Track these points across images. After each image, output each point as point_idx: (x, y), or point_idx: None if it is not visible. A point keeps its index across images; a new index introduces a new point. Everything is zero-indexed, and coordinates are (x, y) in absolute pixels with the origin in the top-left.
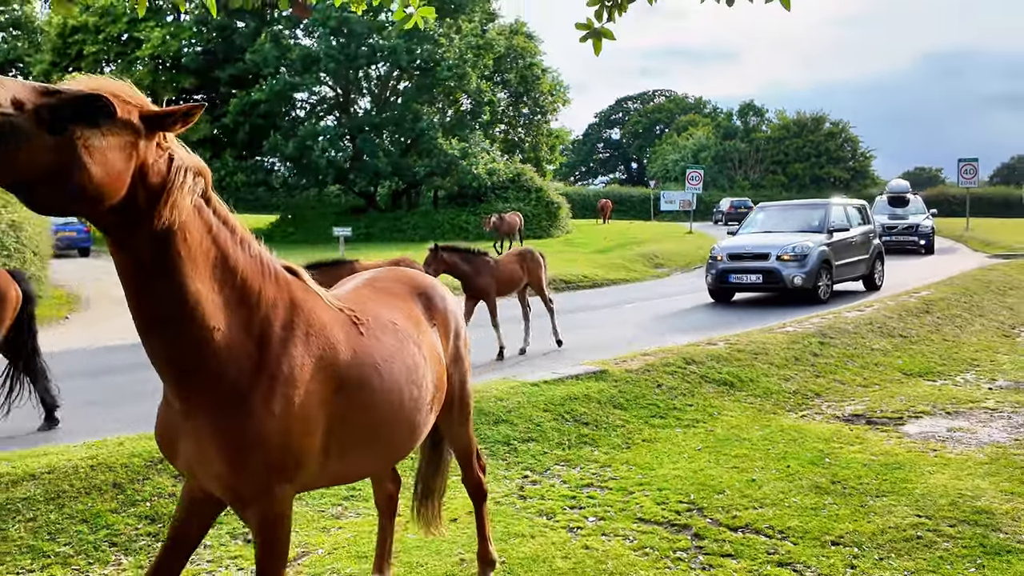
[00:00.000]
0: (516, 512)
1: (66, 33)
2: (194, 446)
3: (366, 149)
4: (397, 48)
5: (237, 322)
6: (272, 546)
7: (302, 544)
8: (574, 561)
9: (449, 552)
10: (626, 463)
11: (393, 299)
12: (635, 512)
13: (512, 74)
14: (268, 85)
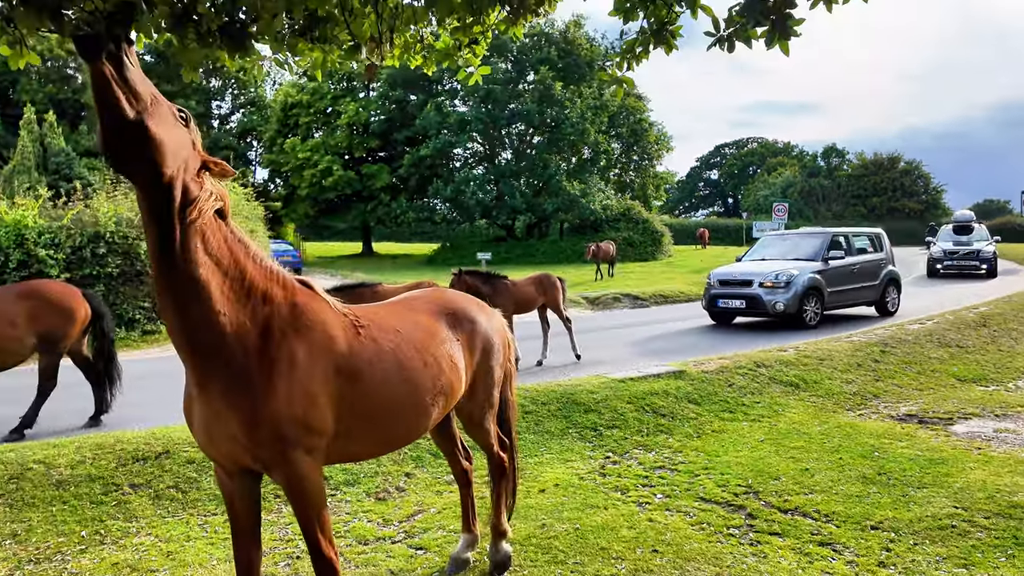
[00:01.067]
0: (595, 487)
1: (287, 108)
2: (216, 423)
3: (506, 191)
4: (530, 111)
5: (243, 313)
6: (301, 501)
7: (418, 503)
8: (638, 531)
9: (534, 517)
10: (695, 450)
11: (414, 314)
12: (698, 492)
13: (624, 128)
14: (432, 143)
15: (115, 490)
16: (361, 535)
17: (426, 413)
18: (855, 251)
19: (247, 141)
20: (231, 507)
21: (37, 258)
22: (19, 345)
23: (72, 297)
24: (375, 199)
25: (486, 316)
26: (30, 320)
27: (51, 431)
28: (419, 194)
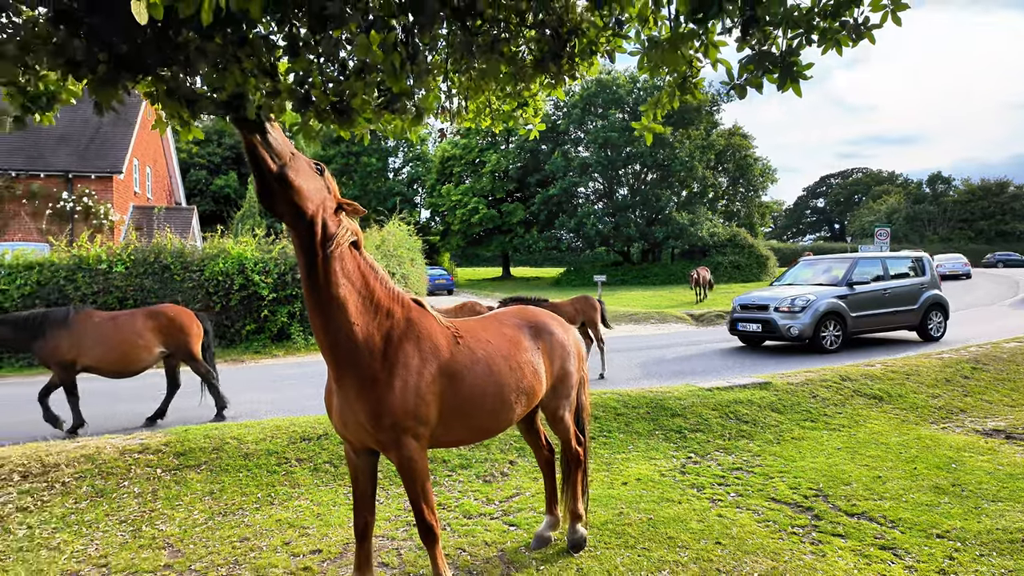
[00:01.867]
0: (674, 483)
1: (444, 160)
2: (348, 411)
3: (622, 222)
4: (644, 153)
5: (371, 325)
6: (409, 476)
7: (517, 487)
8: (706, 524)
9: (613, 506)
10: (774, 455)
11: (502, 327)
12: (770, 493)
13: (730, 164)
14: (559, 184)
15: (285, 463)
16: (467, 510)
17: (511, 409)
18: (890, 276)
19: (413, 188)
20: (355, 479)
21: (253, 282)
22: (149, 355)
23: (188, 317)
24: (512, 232)
25: (563, 329)
26: (156, 336)
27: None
28: (548, 227)
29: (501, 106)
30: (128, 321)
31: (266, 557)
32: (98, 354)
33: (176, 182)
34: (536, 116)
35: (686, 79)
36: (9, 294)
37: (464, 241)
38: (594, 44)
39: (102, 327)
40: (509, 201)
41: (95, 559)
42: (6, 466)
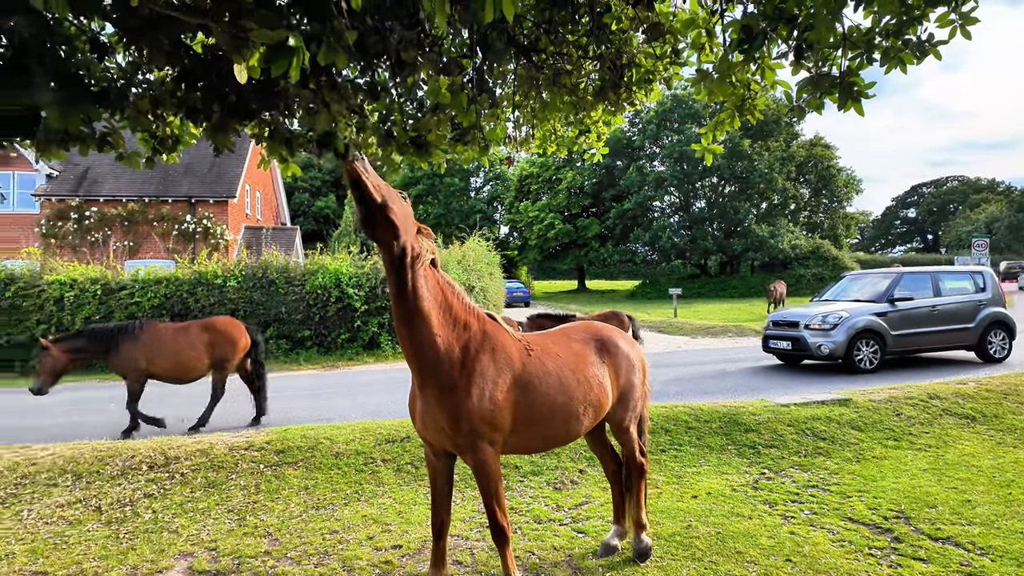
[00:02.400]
0: (745, 499)
1: (522, 179)
2: (429, 416)
3: (699, 235)
4: (721, 167)
5: (451, 336)
6: (483, 479)
7: (586, 496)
8: (776, 541)
9: (682, 519)
10: (852, 473)
11: (570, 341)
12: (846, 512)
13: (812, 174)
14: (634, 199)
15: (371, 462)
16: (537, 515)
17: (578, 420)
18: (943, 292)
19: (493, 205)
20: (433, 480)
21: (347, 295)
22: (203, 364)
23: (237, 329)
24: (587, 246)
25: (629, 344)
26: (207, 347)
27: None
28: (623, 240)
29: (565, 133)
30: (184, 333)
31: (352, 550)
32: (160, 363)
33: (282, 204)
34: (599, 141)
35: (744, 101)
36: (142, 305)
37: (541, 255)
38: (651, 73)
39: (164, 338)
40: (584, 216)
41: (207, 543)
42: (136, 457)
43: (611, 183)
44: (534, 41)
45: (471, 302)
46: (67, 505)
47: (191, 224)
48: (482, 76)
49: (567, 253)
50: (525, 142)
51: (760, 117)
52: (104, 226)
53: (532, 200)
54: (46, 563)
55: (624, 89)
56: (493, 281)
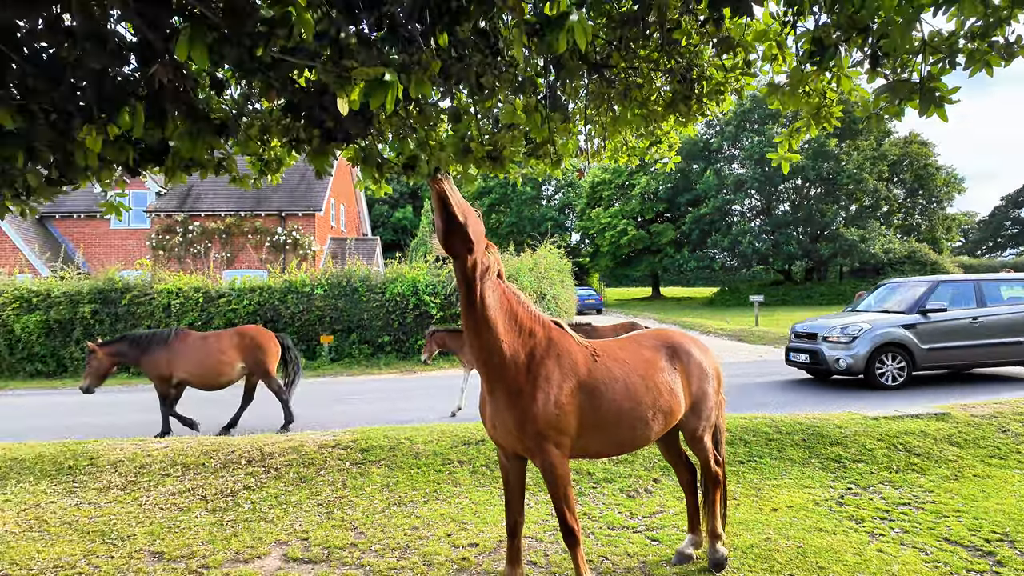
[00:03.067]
0: (829, 513)
1: (594, 186)
2: (498, 418)
3: (782, 240)
4: (805, 167)
5: (517, 343)
6: (551, 482)
7: (660, 504)
8: (863, 558)
9: (760, 531)
10: (950, 492)
11: (639, 348)
12: (942, 532)
13: (907, 174)
14: (711, 203)
15: (448, 463)
16: (611, 522)
17: (647, 425)
18: (991, 301)
19: (565, 212)
20: (506, 481)
21: (424, 302)
22: (231, 370)
23: (268, 337)
24: (662, 252)
25: (701, 351)
26: (239, 352)
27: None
28: (700, 246)
29: (637, 144)
30: (215, 340)
31: (431, 546)
32: (189, 369)
33: (363, 216)
34: (671, 150)
35: (820, 109)
36: (238, 312)
37: (613, 262)
38: (722, 84)
39: (194, 345)
40: (659, 221)
41: (299, 533)
42: (236, 452)
43: (687, 187)
44: (606, 58)
45: (537, 310)
46: (178, 493)
47: (282, 236)
48: (555, 93)
49: (640, 260)
50: (597, 154)
51: (837, 125)
52: (205, 239)
53: (604, 206)
54: (162, 544)
55: (695, 101)
56: (564, 288)
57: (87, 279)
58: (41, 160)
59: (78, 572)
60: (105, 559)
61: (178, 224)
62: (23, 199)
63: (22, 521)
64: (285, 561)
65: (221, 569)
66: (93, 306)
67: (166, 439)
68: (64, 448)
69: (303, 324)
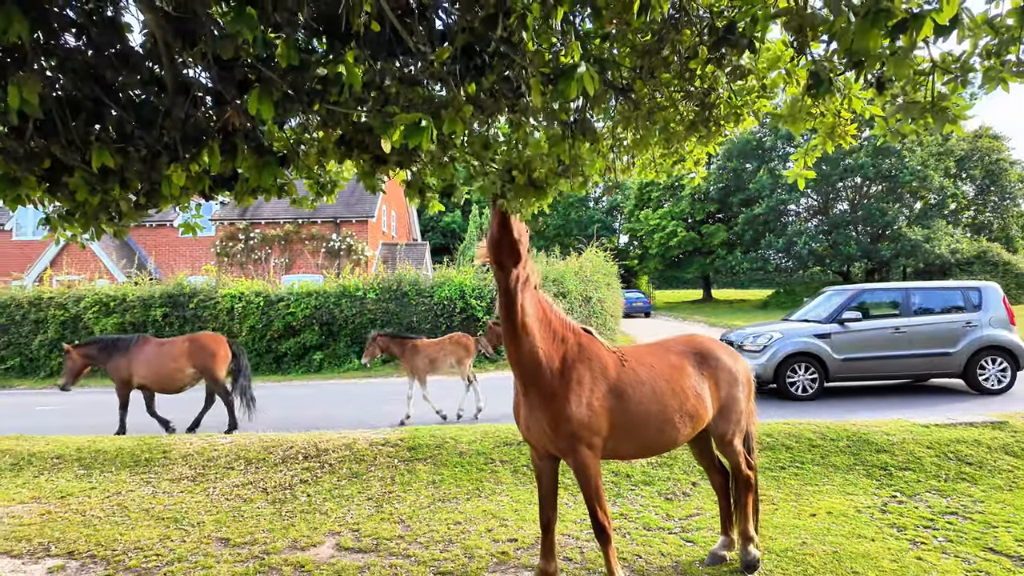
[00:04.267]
0: (870, 520)
1: (642, 187)
2: (532, 419)
3: (840, 240)
4: (864, 165)
5: (551, 348)
6: (584, 481)
7: (697, 507)
8: (900, 565)
9: (797, 535)
10: (1002, 503)
11: (667, 354)
12: (988, 543)
13: (977, 170)
14: (765, 203)
15: (491, 462)
16: (647, 523)
17: (674, 428)
18: (919, 311)
19: (612, 215)
20: (539, 480)
21: (471, 305)
22: (183, 375)
23: (217, 344)
24: (713, 253)
25: (731, 358)
26: (188, 358)
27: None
28: (753, 247)
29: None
30: (169, 347)
31: (473, 540)
32: (146, 374)
33: (413, 222)
34: (698, 165)
35: (835, 128)
36: (295, 315)
37: (662, 264)
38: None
39: (151, 352)
40: (710, 222)
41: (350, 525)
42: (294, 448)
43: (739, 187)
44: (631, 83)
45: (567, 318)
46: (241, 485)
47: (336, 242)
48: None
49: (691, 261)
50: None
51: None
52: (265, 245)
53: (653, 208)
54: (228, 531)
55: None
56: (611, 291)
57: (158, 284)
58: (132, 189)
59: (155, 554)
60: (178, 543)
61: (240, 232)
62: (116, 222)
63: (106, 507)
64: (338, 550)
65: (280, 555)
66: (164, 309)
67: (231, 435)
68: (141, 442)
69: (356, 327)
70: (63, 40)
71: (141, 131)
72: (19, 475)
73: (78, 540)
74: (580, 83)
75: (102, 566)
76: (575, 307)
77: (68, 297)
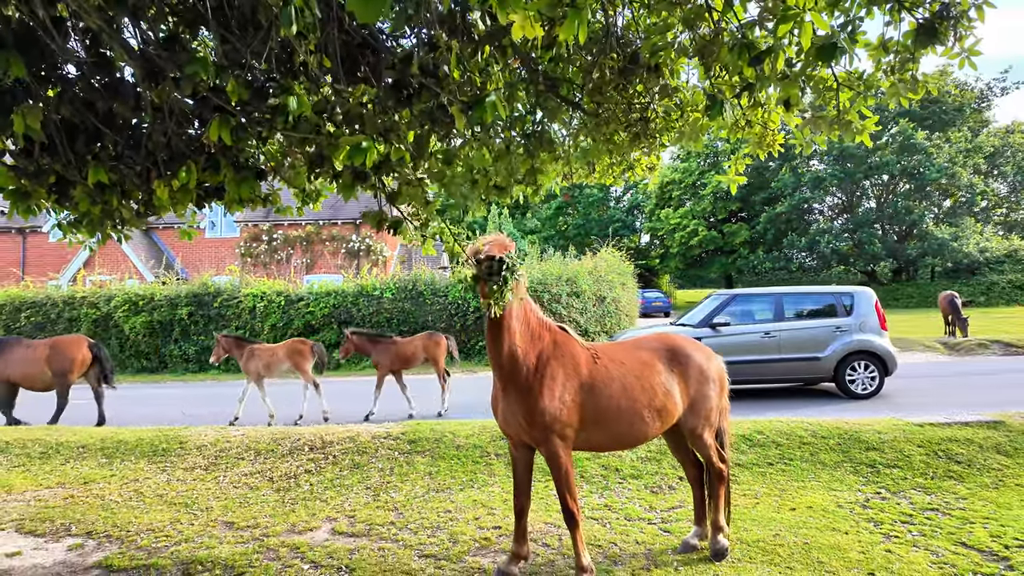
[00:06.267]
0: (848, 515)
1: (663, 185)
2: (509, 412)
3: (864, 239)
4: (889, 163)
5: (529, 347)
6: (555, 470)
7: (680, 501)
8: (867, 556)
9: (772, 528)
10: (985, 500)
11: (639, 351)
12: (961, 537)
13: (1009, 166)
14: (788, 201)
15: (486, 456)
16: (629, 514)
17: (643, 422)
18: (790, 316)
19: (633, 214)
20: (515, 469)
21: None
22: (43, 376)
23: (75, 348)
24: (735, 252)
25: (703, 355)
26: (47, 361)
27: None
28: (776, 246)
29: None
30: (34, 350)
31: (460, 527)
32: (13, 373)
33: None
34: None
35: (762, 138)
36: (315, 314)
37: (683, 263)
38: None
39: (19, 353)
40: (732, 221)
41: (347, 511)
42: (301, 440)
43: (762, 185)
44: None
45: (544, 317)
46: (249, 474)
47: (356, 243)
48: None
49: (713, 261)
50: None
51: (780, 150)
52: (287, 246)
53: (674, 207)
54: (233, 516)
55: (651, 136)
56: (626, 291)
57: (184, 284)
58: (132, 199)
59: (165, 535)
60: (187, 525)
61: (264, 233)
62: (119, 228)
63: (124, 492)
64: (332, 534)
65: (279, 538)
66: (189, 308)
67: (242, 429)
68: (159, 433)
69: (373, 325)
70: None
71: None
72: (47, 462)
73: (96, 522)
74: (493, 108)
75: (116, 545)
76: (588, 307)
77: (100, 296)
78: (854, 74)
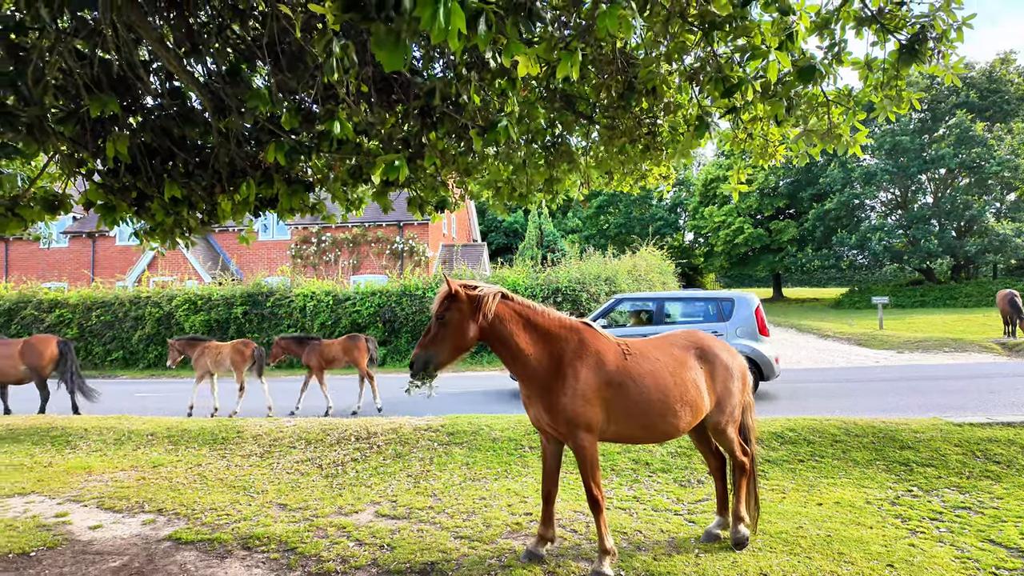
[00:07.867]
0: (876, 512)
1: (707, 183)
2: (537, 411)
3: (919, 236)
4: (945, 156)
5: (541, 350)
6: (581, 461)
7: (708, 494)
8: (888, 550)
9: (796, 520)
10: (1021, 499)
11: (670, 347)
12: (990, 535)
13: None
14: (837, 198)
15: (520, 448)
16: (656, 505)
17: (675, 415)
18: (669, 321)
19: (676, 212)
20: (544, 459)
21: None
22: (18, 371)
23: (45, 345)
24: (783, 250)
25: (729, 354)
26: (20, 356)
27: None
28: (825, 244)
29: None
30: (9, 347)
31: (493, 512)
32: None
33: (473, 223)
34: (667, 179)
35: (763, 149)
36: (361, 313)
37: (728, 262)
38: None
39: None
40: (779, 218)
41: (389, 497)
42: (348, 431)
43: (810, 182)
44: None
45: (565, 317)
46: (300, 461)
47: (400, 244)
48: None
49: (759, 259)
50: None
51: (782, 160)
52: (335, 248)
53: (719, 204)
54: (286, 498)
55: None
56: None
57: (239, 285)
58: (198, 210)
59: (226, 514)
60: (245, 506)
61: (313, 235)
62: (187, 235)
63: (189, 475)
64: (375, 516)
65: (327, 519)
66: (244, 308)
67: (294, 420)
68: (220, 424)
69: (416, 324)
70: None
71: (199, 169)
72: (121, 448)
73: (166, 501)
74: (506, 132)
75: (184, 521)
76: None
77: (162, 296)
78: (843, 91)
